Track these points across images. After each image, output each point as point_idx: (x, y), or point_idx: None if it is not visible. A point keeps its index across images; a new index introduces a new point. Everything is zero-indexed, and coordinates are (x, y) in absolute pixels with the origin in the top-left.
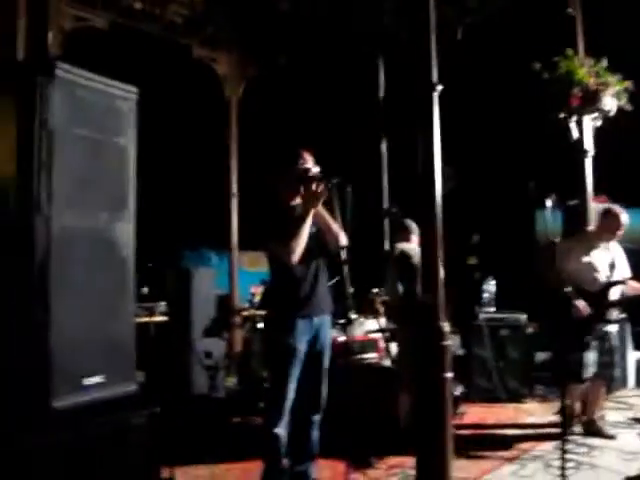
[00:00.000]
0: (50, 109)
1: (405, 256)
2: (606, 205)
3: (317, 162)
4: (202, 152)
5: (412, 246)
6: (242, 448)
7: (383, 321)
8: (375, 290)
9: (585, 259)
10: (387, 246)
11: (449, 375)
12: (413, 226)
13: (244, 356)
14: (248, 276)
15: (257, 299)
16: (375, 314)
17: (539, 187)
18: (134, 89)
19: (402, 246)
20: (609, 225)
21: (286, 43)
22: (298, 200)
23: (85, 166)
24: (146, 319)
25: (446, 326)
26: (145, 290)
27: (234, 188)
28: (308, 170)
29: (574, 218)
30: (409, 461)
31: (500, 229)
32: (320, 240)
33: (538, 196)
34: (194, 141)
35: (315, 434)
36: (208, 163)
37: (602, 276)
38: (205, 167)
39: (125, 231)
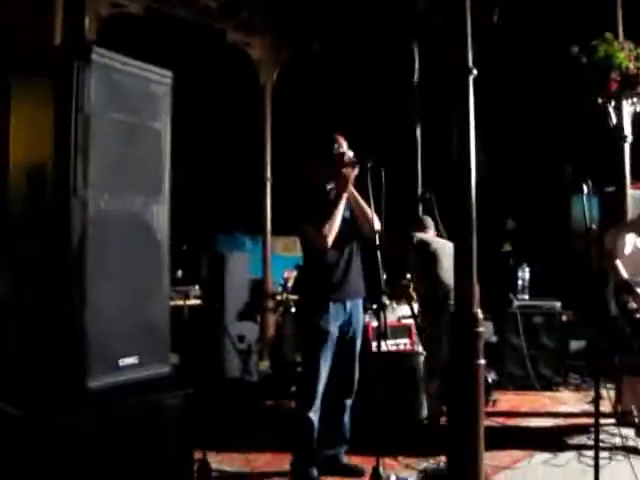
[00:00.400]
0: (86, 93)
1: (424, 243)
2: None
3: (352, 147)
4: (237, 137)
5: (429, 235)
6: (274, 431)
7: (416, 307)
8: (409, 276)
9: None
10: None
11: (482, 362)
12: (429, 221)
13: (277, 340)
14: (282, 261)
15: (290, 283)
16: (408, 300)
17: (576, 172)
18: (169, 73)
19: (420, 234)
20: None
21: (321, 27)
22: (332, 184)
23: (121, 150)
24: (181, 302)
25: (479, 312)
26: (179, 273)
27: (268, 173)
28: (343, 154)
29: (611, 205)
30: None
31: (535, 215)
32: (353, 224)
33: (574, 181)
34: (229, 126)
35: (346, 418)
36: (243, 148)
37: None
38: (240, 152)
39: (160, 214)
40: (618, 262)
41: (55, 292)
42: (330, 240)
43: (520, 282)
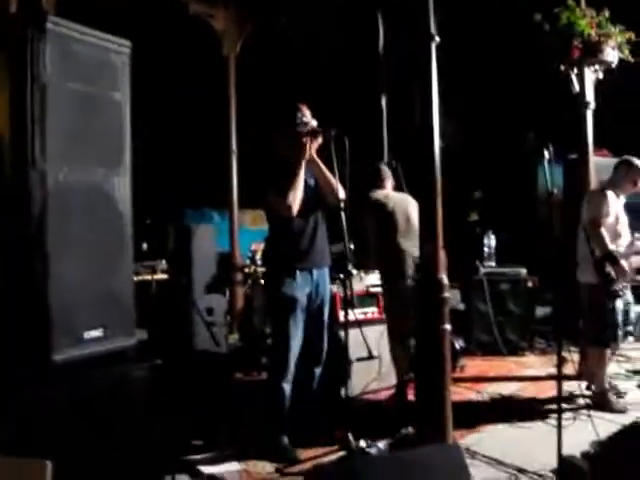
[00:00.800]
0: (42, 63)
1: (380, 204)
2: (625, 157)
3: (317, 117)
4: (202, 109)
5: (386, 192)
6: (244, 402)
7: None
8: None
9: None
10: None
11: (448, 327)
12: (386, 171)
13: (246, 312)
14: (250, 234)
15: (258, 256)
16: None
17: (539, 140)
18: (127, 42)
19: (376, 194)
20: (634, 177)
21: None
22: (296, 154)
23: (79, 120)
24: (148, 277)
25: (445, 278)
26: (144, 246)
27: (233, 145)
28: (306, 123)
29: (574, 172)
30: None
31: (502, 183)
32: (318, 193)
33: (537, 147)
34: (193, 98)
35: (315, 387)
36: (208, 120)
37: (625, 232)
38: (205, 124)
39: (121, 186)
40: (603, 231)
41: (17, 265)
42: (295, 208)
43: (486, 249)
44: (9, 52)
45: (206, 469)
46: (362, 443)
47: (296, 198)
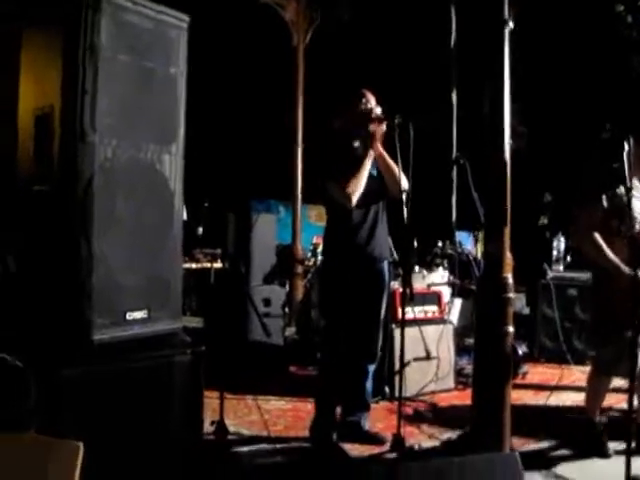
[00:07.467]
0: (97, 33)
1: None
2: None
3: (391, 107)
4: (271, 99)
5: None
6: (295, 396)
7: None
8: (440, 243)
9: None
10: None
11: (511, 329)
12: None
13: (304, 306)
14: (314, 229)
15: (319, 250)
16: (438, 267)
17: (618, 130)
18: (186, 17)
19: None
20: None
21: None
22: (358, 141)
23: (132, 94)
24: (208, 265)
25: (510, 278)
26: (200, 230)
27: (299, 137)
28: (371, 110)
29: None
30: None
31: (573, 185)
32: (380, 183)
33: (613, 139)
34: (263, 87)
35: (368, 384)
36: (278, 111)
37: None
38: (277, 115)
39: (173, 165)
40: None
41: (61, 242)
42: (355, 199)
43: (555, 253)
44: (64, 22)
45: None
46: (415, 447)
47: (358, 189)
